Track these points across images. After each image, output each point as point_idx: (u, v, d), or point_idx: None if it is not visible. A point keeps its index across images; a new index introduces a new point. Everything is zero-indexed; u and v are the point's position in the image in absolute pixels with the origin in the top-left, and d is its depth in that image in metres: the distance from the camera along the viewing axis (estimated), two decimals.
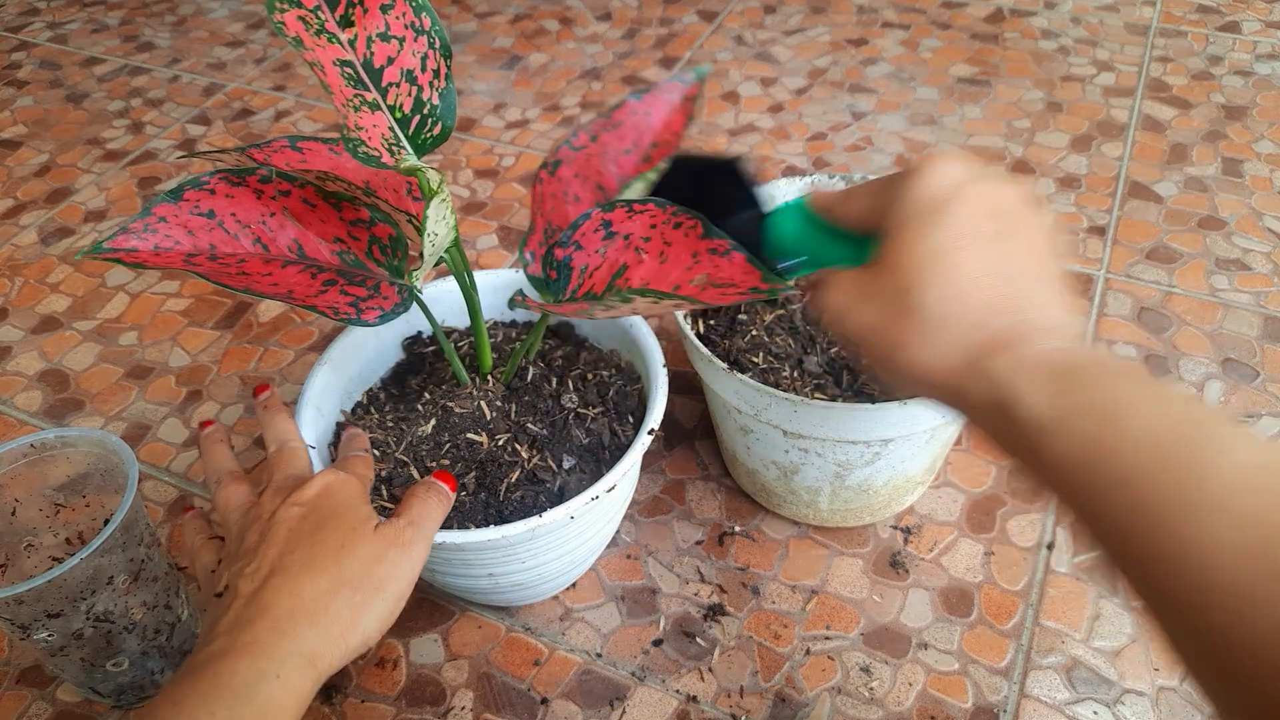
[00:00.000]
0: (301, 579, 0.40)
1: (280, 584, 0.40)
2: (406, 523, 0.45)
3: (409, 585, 0.44)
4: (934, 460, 0.61)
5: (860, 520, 0.63)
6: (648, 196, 0.48)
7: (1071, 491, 0.31)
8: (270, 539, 0.43)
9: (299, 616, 0.39)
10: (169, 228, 0.46)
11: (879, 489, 0.60)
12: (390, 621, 0.42)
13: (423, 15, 0.48)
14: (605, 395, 0.58)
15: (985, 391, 0.33)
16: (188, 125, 1.08)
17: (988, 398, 0.33)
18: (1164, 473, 0.28)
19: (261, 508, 0.46)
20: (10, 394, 0.78)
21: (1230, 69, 1.06)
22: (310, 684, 0.38)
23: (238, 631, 0.38)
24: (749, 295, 0.42)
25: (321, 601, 0.40)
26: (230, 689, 0.36)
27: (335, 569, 0.41)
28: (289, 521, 0.44)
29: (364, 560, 0.42)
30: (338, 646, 0.40)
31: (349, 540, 0.42)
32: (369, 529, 0.44)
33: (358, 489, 0.47)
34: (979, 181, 0.36)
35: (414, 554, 0.44)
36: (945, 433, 0.58)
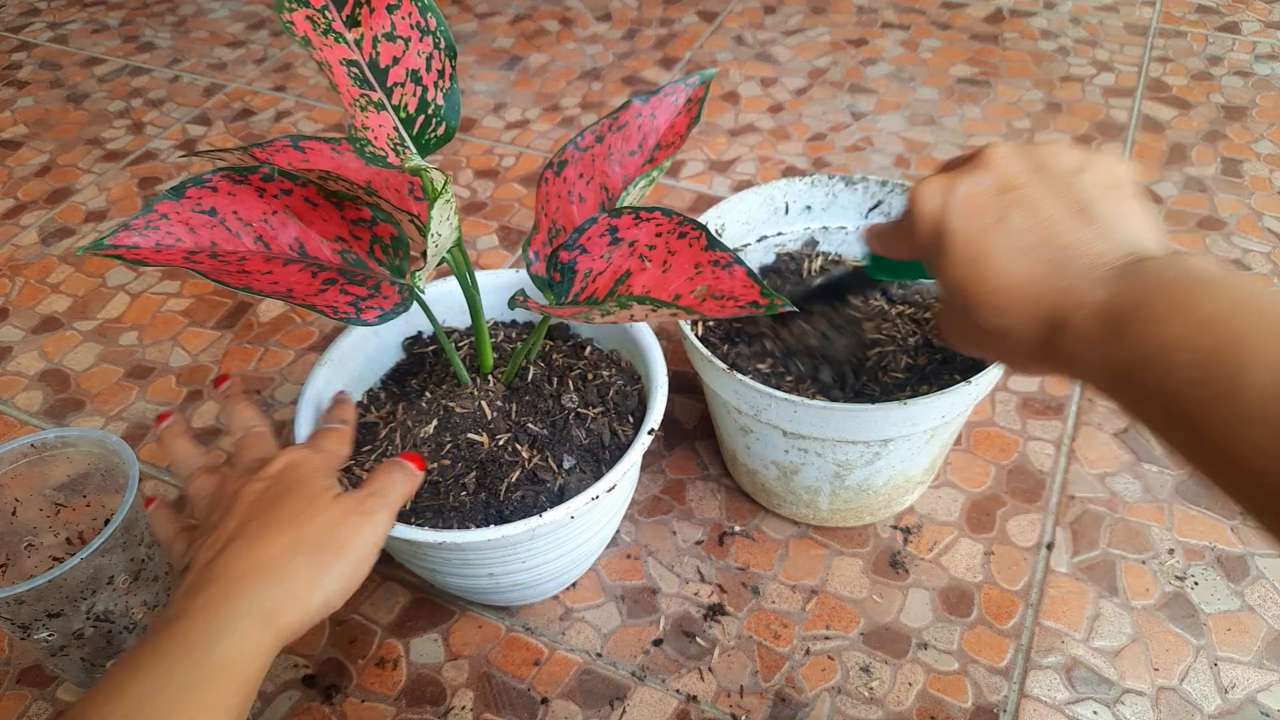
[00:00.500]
0: (257, 542, 0.41)
1: (237, 549, 0.41)
2: (369, 493, 0.46)
3: (372, 552, 0.44)
4: (934, 460, 0.61)
5: (860, 520, 0.63)
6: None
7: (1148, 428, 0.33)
8: (231, 513, 0.43)
9: (255, 575, 0.40)
10: (170, 225, 0.46)
11: (879, 489, 0.60)
12: (354, 585, 0.43)
13: (428, 16, 0.48)
14: (605, 395, 0.58)
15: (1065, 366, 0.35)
16: (188, 125, 1.08)
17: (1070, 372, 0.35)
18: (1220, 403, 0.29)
19: (225, 488, 0.46)
20: (10, 394, 0.78)
21: (1230, 69, 1.06)
22: (270, 639, 0.38)
23: (191, 596, 0.39)
24: (748, 309, 0.42)
25: (279, 560, 0.40)
26: (185, 648, 0.37)
27: (293, 531, 0.42)
28: (249, 496, 0.44)
29: (324, 525, 0.43)
30: (299, 604, 0.40)
31: (307, 508, 0.43)
32: (328, 498, 0.44)
33: (321, 464, 0.47)
34: (956, 188, 0.38)
35: (376, 520, 0.44)
36: (945, 432, 0.58)
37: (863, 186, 0.67)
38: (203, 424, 0.74)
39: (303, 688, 0.57)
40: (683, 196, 0.93)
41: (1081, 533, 0.63)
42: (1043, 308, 0.35)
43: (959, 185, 0.38)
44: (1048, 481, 0.66)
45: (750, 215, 0.68)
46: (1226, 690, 0.55)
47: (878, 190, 0.67)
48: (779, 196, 0.68)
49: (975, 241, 0.36)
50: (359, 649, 0.59)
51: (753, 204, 0.67)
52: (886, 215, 0.66)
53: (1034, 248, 0.35)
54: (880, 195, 0.67)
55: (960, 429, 0.62)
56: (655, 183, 0.53)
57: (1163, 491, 0.65)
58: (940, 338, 0.44)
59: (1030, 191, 0.37)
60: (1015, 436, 0.69)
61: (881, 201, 0.67)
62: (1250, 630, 0.57)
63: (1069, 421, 0.70)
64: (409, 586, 0.62)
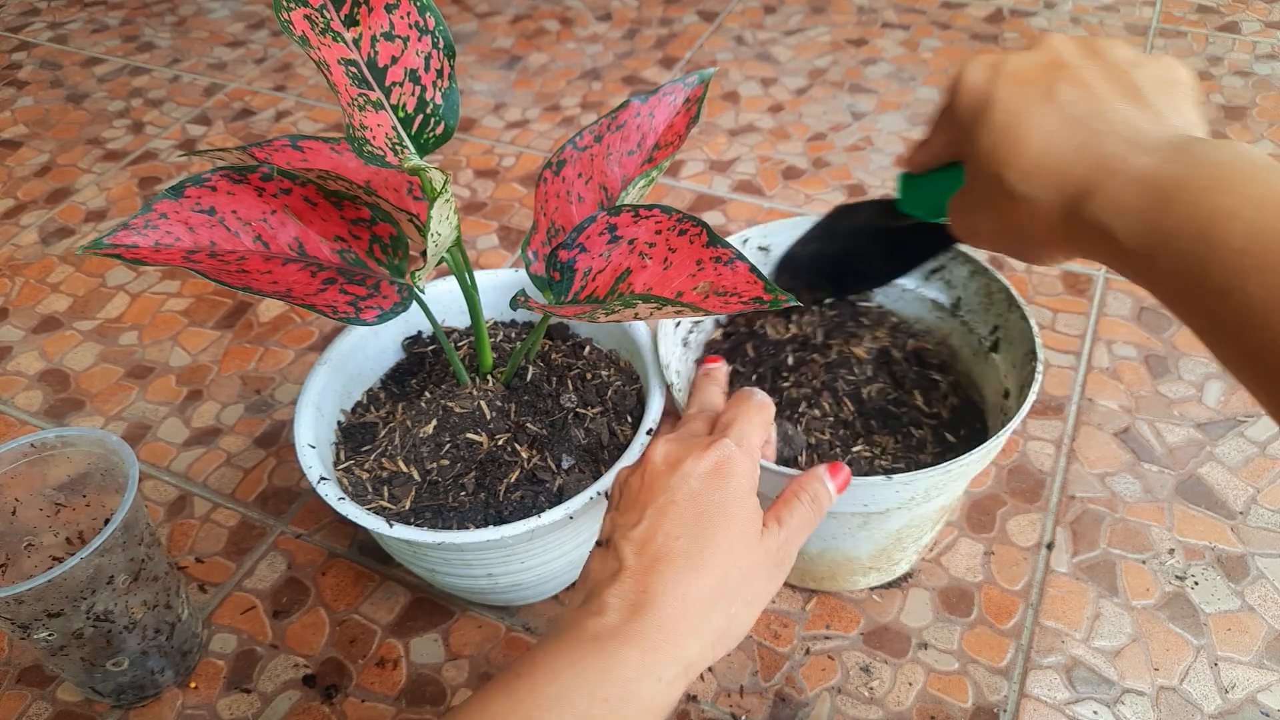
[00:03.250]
0: (686, 578, 0.38)
1: (667, 575, 0.37)
2: (786, 538, 0.41)
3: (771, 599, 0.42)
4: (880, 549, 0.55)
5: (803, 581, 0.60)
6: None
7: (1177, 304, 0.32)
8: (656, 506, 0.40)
9: (683, 623, 0.37)
10: (169, 224, 0.46)
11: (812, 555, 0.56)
12: (749, 627, 0.40)
13: (427, 15, 0.48)
14: (604, 395, 0.58)
15: (1090, 236, 0.34)
16: (188, 125, 1.08)
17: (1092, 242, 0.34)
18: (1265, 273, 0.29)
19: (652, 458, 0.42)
20: (10, 394, 0.78)
21: (1230, 69, 1.06)
22: (682, 688, 0.37)
23: (628, 615, 0.37)
24: (751, 305, 0.42)
25: (703, 609, 0.38)
26: (620, 679, 0.35)
27: (720, 574, 0.38)
28: (680, 493, 0.40)
29: (745, 571, 0.39)
30: (709, 655, 0.38)
31: (737, 544, 0.39)
32: (756, 534, 0.40)
33: (749, 473, 0.41)
34: (1007, 63, 0.38)
35: (784, 571, 0.41)
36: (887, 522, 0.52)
37: None
38: (203, 424, 0.74)
39: (303, 688, 0.57)
40: (682, 196, 0.93)
41: (1081, 533, 0.63)
42: (1076, 172, 0.34)
43: (1010, 59, 0.38)
44: (1048, 481, 0.66)
45: None
46: (1227, 690, 0.55)
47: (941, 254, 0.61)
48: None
49: (1019, 107, 0.36)
50: (359, 649, 0.59)
51: None
52: (947, 282, 0.61)
53: (1079, 117, 0.35)
54: (944, 260, 0.61)
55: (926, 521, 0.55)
56: (654, 183, 0.53)
57: (1163, 491, 0.65)
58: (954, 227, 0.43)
59: (1084, 72, 0.36)
60: (1015, 436, 0.69)
61: (944, 266, 0.61)
62: (1250, 630, 0.57)
63: (1069, 421, 0.70)
64: (409, 586, 0.62)
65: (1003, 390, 0.57)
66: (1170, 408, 0.71)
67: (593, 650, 0.35)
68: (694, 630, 0.37)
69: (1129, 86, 0.36)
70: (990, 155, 0.37)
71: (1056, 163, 0.35)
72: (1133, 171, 0.33)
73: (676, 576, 0.37)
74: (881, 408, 0.58)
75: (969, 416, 0.59)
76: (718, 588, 0.38)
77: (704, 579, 0.38)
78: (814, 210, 0.90)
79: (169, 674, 0.57)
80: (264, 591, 0.63)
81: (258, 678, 0.58)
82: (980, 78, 0.38)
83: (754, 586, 0.39)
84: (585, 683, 0.34)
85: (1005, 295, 0.57)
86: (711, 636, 0.38)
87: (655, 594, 0.37)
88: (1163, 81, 0.36)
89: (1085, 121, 0.35)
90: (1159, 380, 0.73)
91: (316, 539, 0.66)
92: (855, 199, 0.91)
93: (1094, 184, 0.34)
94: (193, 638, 0.58)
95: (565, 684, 0.34)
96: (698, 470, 0.40)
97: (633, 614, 0.37)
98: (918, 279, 0.63)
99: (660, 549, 0.38)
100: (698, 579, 0.38)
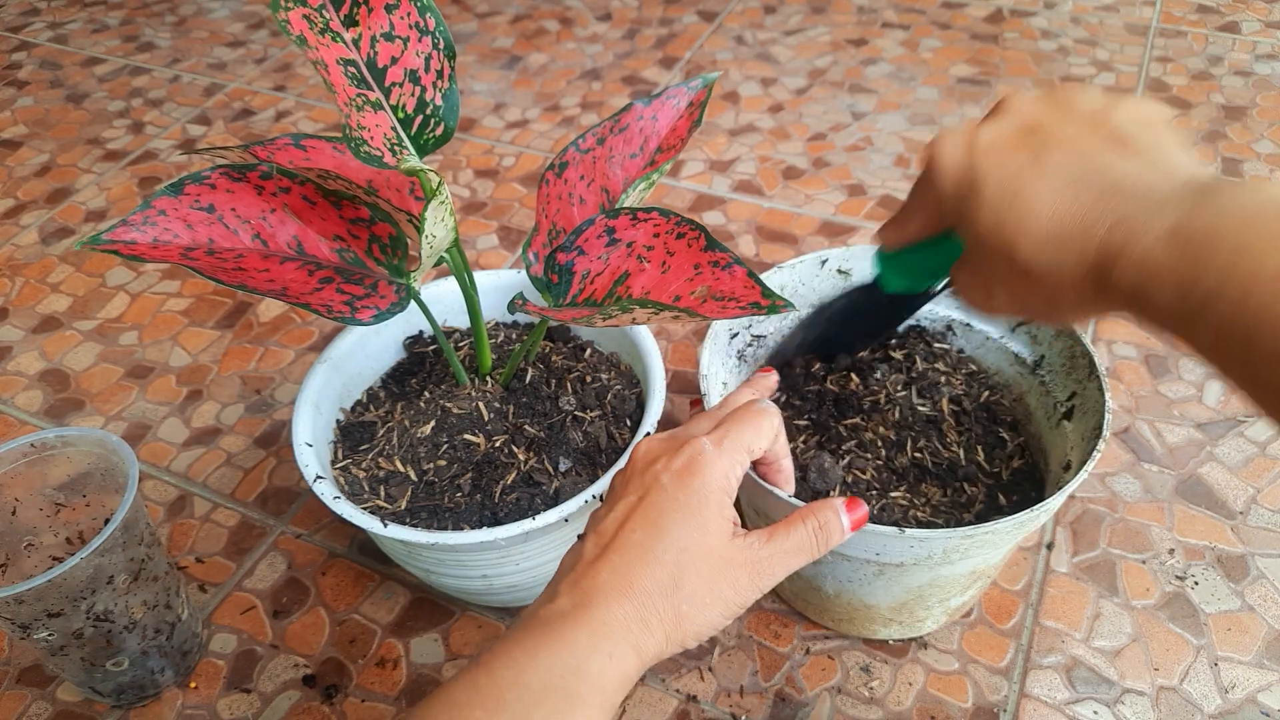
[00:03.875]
0: (636, 568, 0.38)
1: (617, 564, 0.38)
2: (770, 554, 0.40)
3: (749, 604, 0.40)
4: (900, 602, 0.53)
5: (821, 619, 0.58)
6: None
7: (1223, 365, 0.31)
8: (626, 502, 0.40)
9: (628, 609, 0.37)
10: (168, 221, 0.46)
11: (829, 594, 0.55)
12: (721, 627, 0.39)
13: (427, 15, 0.48)
14: (603, 399, 0.58)
15: (1124, 300, 0.33)
16: (188, 125, 1.08)
17: (1127, 305, 0.33)
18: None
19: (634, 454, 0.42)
20: (10, 394, 0.78)
21: (1230, 69, 1.06)
22: (635, 668, 0.37)
23: (578, 600, 0.37)
24: (749, 310, 0.42)
25: (651, 599, 0.37)
26: (570, 656, 0.36)
27: (672, 569, 0.38)
28: (647, 491, 0.40)
29: (705, 572, 0.38)
30: (662, 645, 0.38)
31: (694, 542, 0.38)
32: (722, 536, 0.39)
33: (723, 473, 0.40)
34: (980, 135, 0.36)
35: (758, 585, 0.40)
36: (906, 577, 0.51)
37: None
38: (203, 424, 0.74)
39: (303, 688, 0.57)
40: (683, 196, 0.93)
41: (1081, 533, 0.63)
42: (1094, 235, 0.33)
43: (982, 131, 0.36)
44: None
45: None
46: (1227, 690, 0.55)
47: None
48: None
49: (1012, 179, 0.35)
50: (359, 649, 0.59)
51: None
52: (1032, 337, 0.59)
53: (1079, 179, 0.34)
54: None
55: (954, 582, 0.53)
56: (655, 185, 0.53)
57: (1163, 491, 0.65)
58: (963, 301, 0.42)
59: (1061, 130, 0.35)
60: None
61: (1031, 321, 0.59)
62: (1250, 630, 0.57)
63: None
64: (409, 586, 0.62)
65: (1065, 462, 0.53)
66: (1170, 408, 0.71)
67: (544, 633, 0.36)
68: (641, 618, 0.37)
69: (1111, 136, 0.35)
70: (995, 233, 0.35)
71: (1069, 230, 0.33)
72: (1156, 231, 0.31)
73: (627, 566, 0.38)
74: (937, 457, 0.56)
75: (1028, 483, 0.56)
76: (668, 581, 0.38)
77: (654, 570, 0.38)
78: (814, 210, 0.90)
79: (169, 674, 0.57)
80: (264, 591, 0.63)
81: (258, 678, 0.58)
82: (957, 156, 0.36)
83: (715, 588, 0.38)
84: (537, 665, 0.35)
85: (1088, 361, 0.54)
86: (662, 628, 0.38)
87: (603, 582, 0.38)
88: (1140, 123, 0.35)
89: (1085, 182, 0.34)
90: (1159, 380, 0.73)
91: (316, 539, 0.66)
92: (854, 197, 0.91)
93: (1116, 247, 0.32)
94: (193, 638, 0.58)
95: (520, 667, 0.35)
96: (670, 467, 0.40)
97: (582, 599, 0.37)
98: (1003, 329, 0.60)
99: (616, 540, 0.39)
100: (647, 570, 0.38)
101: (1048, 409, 0.57)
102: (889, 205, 0.90)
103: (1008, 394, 0.60)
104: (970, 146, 0.36)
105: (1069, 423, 0.55)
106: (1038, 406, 0.58)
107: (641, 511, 0.39)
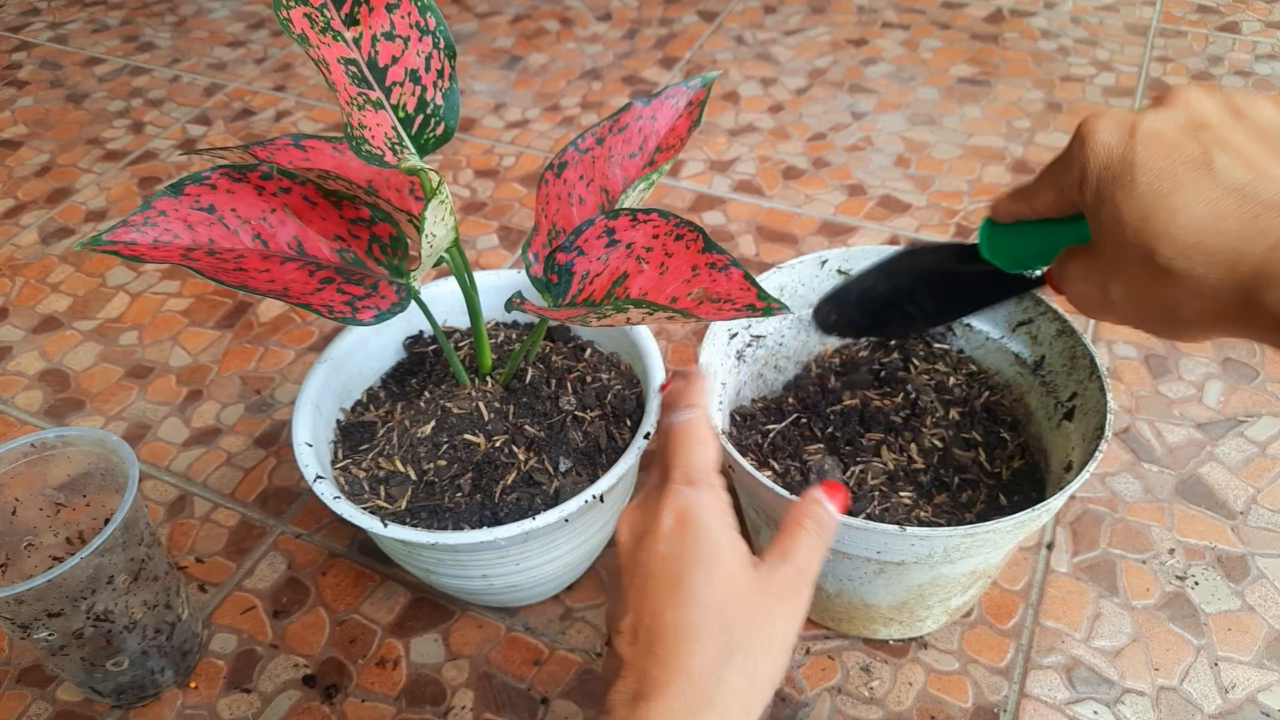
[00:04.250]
0: (683, 650, 0.34)
1: (661, 655, 0.34)
2: (797, 570, 0.38)
3: (792, 645, 0.37)
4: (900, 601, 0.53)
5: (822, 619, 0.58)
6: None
7: None
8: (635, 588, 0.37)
9: (694, 699, 0.33)
10: (168, 221, 0.46)
11: (830, 593, 0.55)
12: (781, 677, 0.36)
13: (428, 15, 0.48)
14: (604, 399, 0.58)
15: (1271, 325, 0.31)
16: (188, 125, 1.08)
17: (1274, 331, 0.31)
18: None
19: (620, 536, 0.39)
20: (10, 394, 0.78)
21: (1230, 69, 1.06)
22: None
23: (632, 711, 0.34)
24: (744, 312, 0.42)
25: (713, 675, 0.34)
26: None
27: (719, 633, 0.35)
28: (650, 565, 0.37)
29: (749, 619, 0.35)
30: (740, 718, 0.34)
31: (724, 592, 0.36)
32: (746, 573, 0.37)
33: (715, 508, 0.38)
34: (1143, 122, 0.34)
35: (801, 607, 0.37)
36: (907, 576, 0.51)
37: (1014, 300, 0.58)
38: (203, 424, 0.74)
39: (303, 688, 0.57)
40: (683, 196, 0.93)
41: (1081, 533, 0.63)
42: (1252, 252, 0.31)
43: (1145, 117, 0.34)
44: None
45: None
46: (1227, 690, 0.55)
47: (1032, 307, 0.58)
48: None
49: (1169, 173, 0.33)
50: (359, 649, 0.59)
51: None
52: (1033, 337, 0.58)
53: (1242, 187, 0.32)
54: (1034, 313, 0.58)
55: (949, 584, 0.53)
56: (655, 185, 0.53)
57: (1163, 491, 0.65)
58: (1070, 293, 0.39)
59: (1230, 134, 0.33)
60: None
61: (1032, 320, 0.58)
62: (1250, 630, 0.57)
63: None
64: (409, 586, 0.62)
65: (1066, 462, 0.53)
66: (1170, 408, 0.71)
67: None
68: (710, 701, 0.33)
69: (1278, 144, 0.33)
70: (1139, 225, 0.33)
71: (1225, 240, 0.31)
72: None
73: (671, 653, 0.34)
74: (940, 457, 0.56)
75: (1029, 483, 0.56)
76: (721, 647, 0.34)
77: (703, 644, 0.34)
78: (813, 210, 0.90)
79: (169, 674, 0.57)
80: (264, 591, 0.63)
81: (258, 678, 0.58)
82: (1114, 137, 0.34)
83: (766, 631, 0.36)
84: None
85: (1089, 361, 0.53)
86: (735, 701, 0.34)
87: (655, 679, 0.34)
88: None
89: (1252, 193, 0.31)
90: (1159, 380, 0.73)
91: (317, 539, 0.66)
92: (854, 197, 0.91)
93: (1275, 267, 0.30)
94: (193, 638, 0.58)
95: None
96: (661, 532, 0.37)
97: (636, 707, 0.34)
98: (1003, 329, 0.60)
99: (649, 631, 0.35)
100: (695, 646, 0.34)
101: (1048, 409, 0.57)
102: (889, 205, 0.90)
103: (1008, 394, 0.60)
104: (1132, 129, 0.34)
105: (1070, 423, 0.55)
106: (1038, 407, 0.58)
107: (656, 591, 0.36)
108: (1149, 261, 0.33)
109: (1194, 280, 0.32)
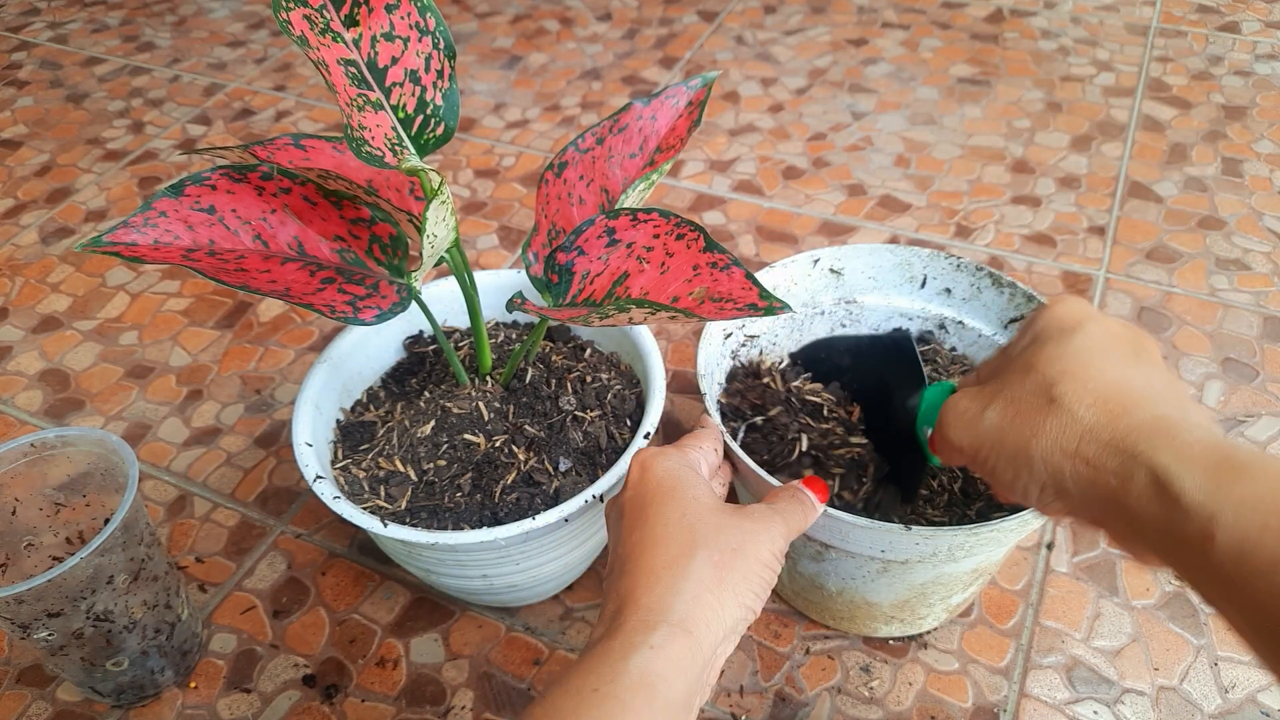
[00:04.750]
0: (647, 554, 0.38)
1: (631, 566, 0.38)
2: (769, 509, 0.42)
3: (772, 560, 0.40)
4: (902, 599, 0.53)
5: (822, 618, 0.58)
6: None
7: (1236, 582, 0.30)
8: (610, 532, 0.42)
9: (657, 587, 0.37)
10: (169, 222, 0.46)
11: (831, 592, 0.55)
12: (765, 590, 0.39)
13: (427, 16, 0.48)
14: (604, 399, 0.58)
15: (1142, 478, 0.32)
16: (188, 125, 1.08)
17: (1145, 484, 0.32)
18: None
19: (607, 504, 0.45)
20: (10, 394, 0.78)
21: (1230, 69, 1.06)
22: (690, 652, 0.36)
23: (607, 621, 0.37)
24: (746, 311, 0.42)
25: (676, 566, 0.37)
26: (607, 663, 0.35)
27: (682, 535, 0.38)
28: (620, 509, 0.42)
29: (714, 525, 0.39)
30: (710, 611, 0.37)
31: (689, 508, 0.40)
32: (713, 498, 0.41)
33: (676, 458, 0.43)
34: (1103, 317, 0.39)
35: (772, 527, 0.41)
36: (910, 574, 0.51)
37: (1009, 292, 0.59)
38: (203, 424, 0.74)
39: (303, 687, 0.57)
40: (683, 196, 0.93)
41: (1082, 532, 0.63)
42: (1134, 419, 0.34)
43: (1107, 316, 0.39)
44: None
45: (880, 274, 0.62)
46: (1227, 690, 0.55)
47: (1024, 304, 0.58)
48: (918, 265, 0.61)
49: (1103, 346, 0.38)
50: (359, 649, 0.59)
51: (886, 262, 0.61)
52: None
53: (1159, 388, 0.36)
54: (1025, 309, 0.58)
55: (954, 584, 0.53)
56: (655, 185, 0.53)
57: None
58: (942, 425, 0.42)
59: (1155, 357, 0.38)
60: None
61: (1024, 316, 0.58)
62: None
63: None
64: (409, 586, 0.62)
65: None
66: None
67: (580, 661, 0.36)
68: (672, 588, 0.37)
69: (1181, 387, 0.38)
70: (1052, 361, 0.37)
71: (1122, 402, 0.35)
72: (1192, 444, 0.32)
73: (637, 562, 0.38)
74: None
75: None
76: (685, 544, 0.38)
77: (665, 546, 0.38)
78: (813, 210, 0.90)
79: (169, 674, 0.57)
80: (264, 591, 0.63)
81: (258, 678, 0.58)
82: (1075, 312, 0.39)
83: (733, 537, 0.39)
84: (570, 688, 0.35)
85: None
86: (701, 588, 0.37)
87: (626, 589, 0.38)
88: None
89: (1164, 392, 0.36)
90: None
91: (316, 539, 0.66)
92: (854, 197, 0.91)
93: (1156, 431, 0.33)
94: (193, 637, 0.58)
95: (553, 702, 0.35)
96: (630, 479, 0.43)
97: (614, 616, 0.37)
98: (995, 326, 0.60)
99: (620, 557, 0.40)
100: (659, 549, 0.38)
101: None
102: (889, 205, 0.90)
103: None
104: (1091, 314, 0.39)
105: None
106: None
107: (628, 522, 0.41)
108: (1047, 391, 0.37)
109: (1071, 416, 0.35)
